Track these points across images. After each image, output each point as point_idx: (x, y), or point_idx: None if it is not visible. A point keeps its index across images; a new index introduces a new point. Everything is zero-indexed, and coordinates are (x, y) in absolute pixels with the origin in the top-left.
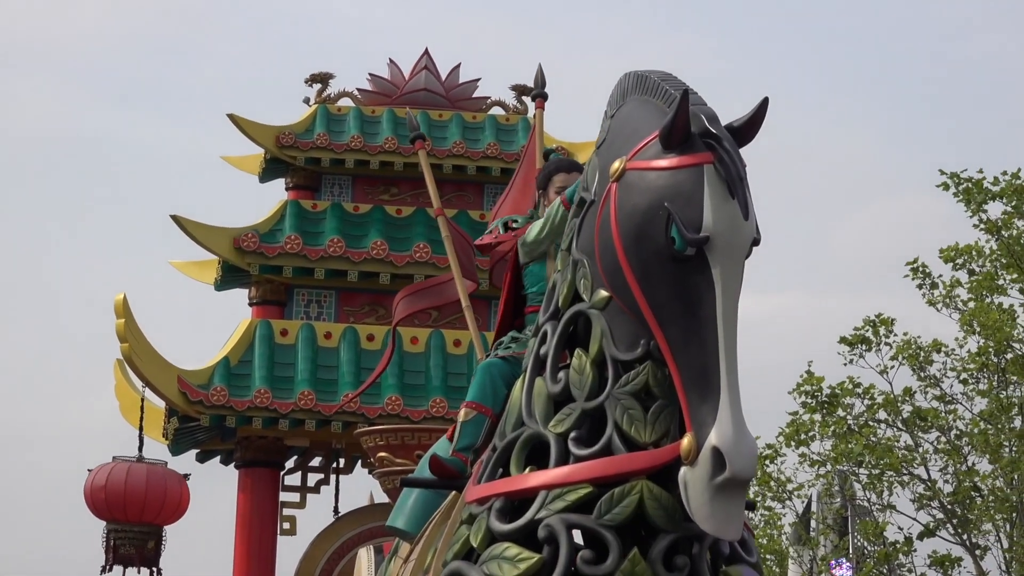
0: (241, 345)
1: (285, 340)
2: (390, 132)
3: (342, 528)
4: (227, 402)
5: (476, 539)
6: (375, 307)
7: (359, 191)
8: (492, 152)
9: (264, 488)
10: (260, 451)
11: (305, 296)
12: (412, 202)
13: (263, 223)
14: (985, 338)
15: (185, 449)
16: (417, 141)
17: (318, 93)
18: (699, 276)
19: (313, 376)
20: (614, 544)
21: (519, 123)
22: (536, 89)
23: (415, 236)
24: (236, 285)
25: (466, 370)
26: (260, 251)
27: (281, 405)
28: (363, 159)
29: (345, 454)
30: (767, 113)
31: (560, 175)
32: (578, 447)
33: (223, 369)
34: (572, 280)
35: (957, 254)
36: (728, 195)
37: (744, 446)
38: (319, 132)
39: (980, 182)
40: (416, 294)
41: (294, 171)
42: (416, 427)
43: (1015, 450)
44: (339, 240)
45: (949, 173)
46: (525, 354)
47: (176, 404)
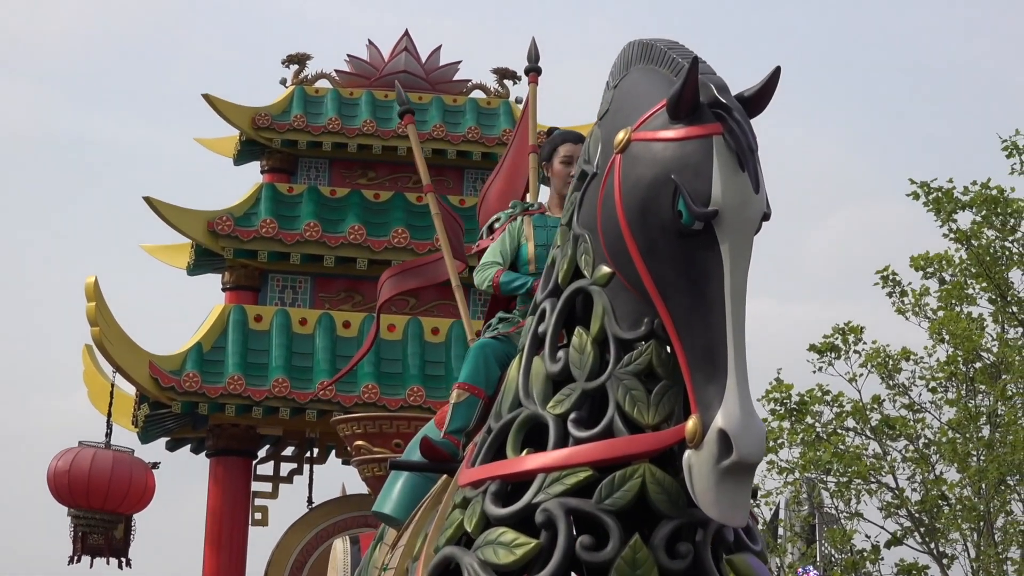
0: (214, 331)
1: (259, 326)
2: (368, 115)
3: (315, 519)
4: (199, 388)
5: (470, 524)
6: (351, 293)
7: (336, 175)
8: (473, 136)
9: (236, 478)
10: (232, 439)
11: (280, 281)
12: (390, 186)
13: (238, 206)
14: (954, 347)
15: (155, 437)
16: (406, 115)
17: (295, 74)
18: (707, 252)
19: (288, 363)
20: (615, 530)
21: (501, 107)
22: (529, 64)
23: (393, 221)
24: (209, 270)
25: (444, 358)
26: (235, 235)
27: (255, 392)
28: (341, 142)
29: (319, 443)
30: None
31: (566, 145)
32: (578, 429)
33: (196, 355)
34: (572, 256)
35: (927, 263)
36: (738, 167)
37: (752, 428)
38: (296, 114)
39: (950, 191)
40: (402, 274)
41: (270, 154)
42: (394, 415)
43: (983, 459)
44: (315, 224)
45: (919, 182)
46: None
47: (147, 390)
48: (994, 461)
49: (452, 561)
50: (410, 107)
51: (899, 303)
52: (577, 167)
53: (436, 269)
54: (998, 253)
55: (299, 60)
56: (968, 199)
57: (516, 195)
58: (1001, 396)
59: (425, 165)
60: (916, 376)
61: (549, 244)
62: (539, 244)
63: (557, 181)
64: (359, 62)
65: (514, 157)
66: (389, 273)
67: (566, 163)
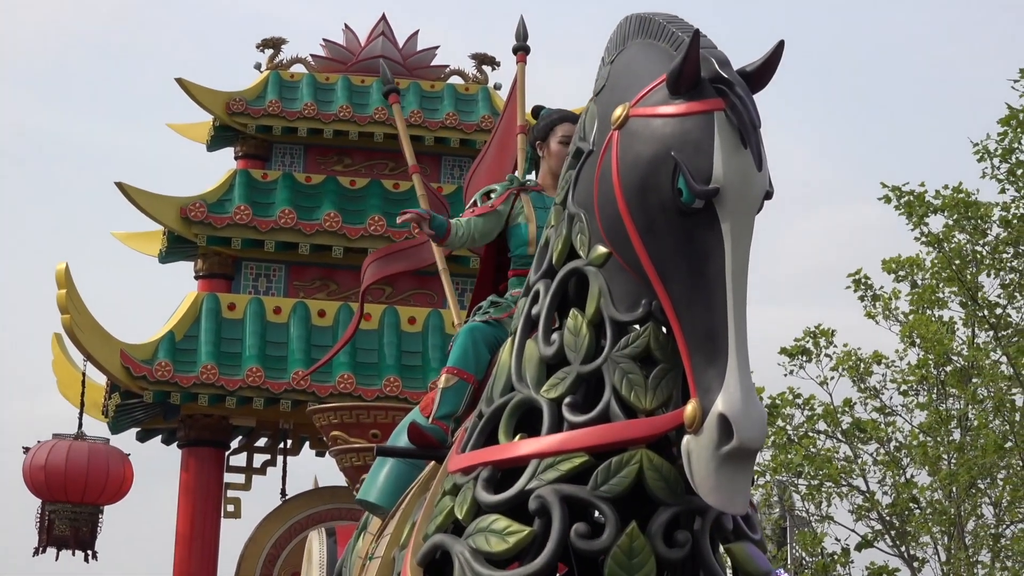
0: (187, 319)
1: (233, 315)
2: (345, 100)
3: (289, 511)
4: (172, 378)
5: (461, 511)
6: (327, 282)
7: (311, 161)
8: (451, 122)
9: (208, 469)
10: (204, 430)
11: (254, 269)
12: (366, 173)
13: (211, 192)
14: (925, 350)
15: (126, 427)
16: (391, 94)
17: (270, 59)
18: (707, 231)
19: (262, 352)
20: (611, 517)
21: (479, 93)
22: (518, 42)
23: (369, 208)
24: (181, 257)
25: (421, 348)
26: (208, 221)
27: (228, 382)
28: (316, 128)
29: (293, 435)
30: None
31: (564, 125)
32: (573, 413)
33: (168, 344)
34: (568, 235)
35: (899, 266)
36: (740, 144)
37: (753, 413)
38: (271, 99)
39: (922, 195)
40: (387, 257)
41: (244, 139)
42: (371, 405)
43: (954, 463)
44: (290, 211)
45: (891, 186)
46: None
47: (118, 379)
48: (965, 464)
49: (442, 549)
50: (395, 86)
51: (871, 307)
52: (572, 144)
53: (422, 252)
54: (969, 257)
55: (274, 44)
56: (940, 203)
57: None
58: (972, 400)
59: (411, 145)
60: (887, 379)
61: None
62: (540, 225)
63: (554, 161)
64: (335, 47)
65: (502, 138)
66: (373, 257)
67: (564, 143)
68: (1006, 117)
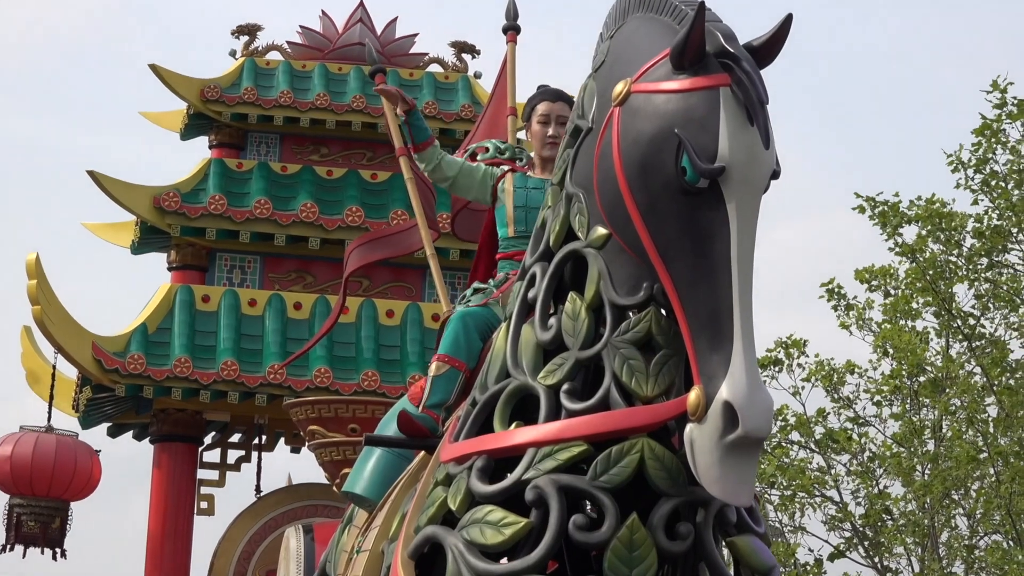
0: (160, 311)
1: (207, 307)
2: (322, 88)
3: (264, 508)
4: (144, 371)
5: (455, 502)
6: (303, 274)
7: (287, 150)
8: (430, 111)
9: (181, 464)
10: (177, 425)
11: (228, 261)
12: (343, 163)
13: (185, 182)
14: (898, 361)
15: (97, 422)
16: (378, 75)
17: (245, 46)
18: (712, 211)
19: (236, 345)
20: (611, 508)
21: (459, 81)
22: (508, 22)
23: (347, 199)
24: (154, 248)
25: (399, 342)
26: (182, 211)
27: (202, 375)
28: (293, 116)
29: (267, 430)
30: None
31: (543, 104)
32: (571, 401)
33: (140, 336)
34: (565, 216)
35: (872, 276)
36: (747, 121)
37: (759, 401)
38: (246, 86)
39: (896, 206)
40: (371, 243)
41: (218, 128)
42: (349, 399)
43: (927, 473)
44: (266, 201)
45: (865, 196)
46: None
47: (90, 372)
48: (938, 475)
49: (434, 541)
50: (382, 66)
51: (844, 317)
52: (570, 122)
53: (408, 238)
54: (942, 267)
55: (249, 31)
56: (914, 213)
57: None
58: (945, 410)
59: (398, 128)
60: (860, 389)
61: (528, 206)
62: (517, 206)
63: (535, 142)
64: (312, 34)
65: (491, 120)
66: (357, 243)
67: (543, 123)
68: (980, 127)
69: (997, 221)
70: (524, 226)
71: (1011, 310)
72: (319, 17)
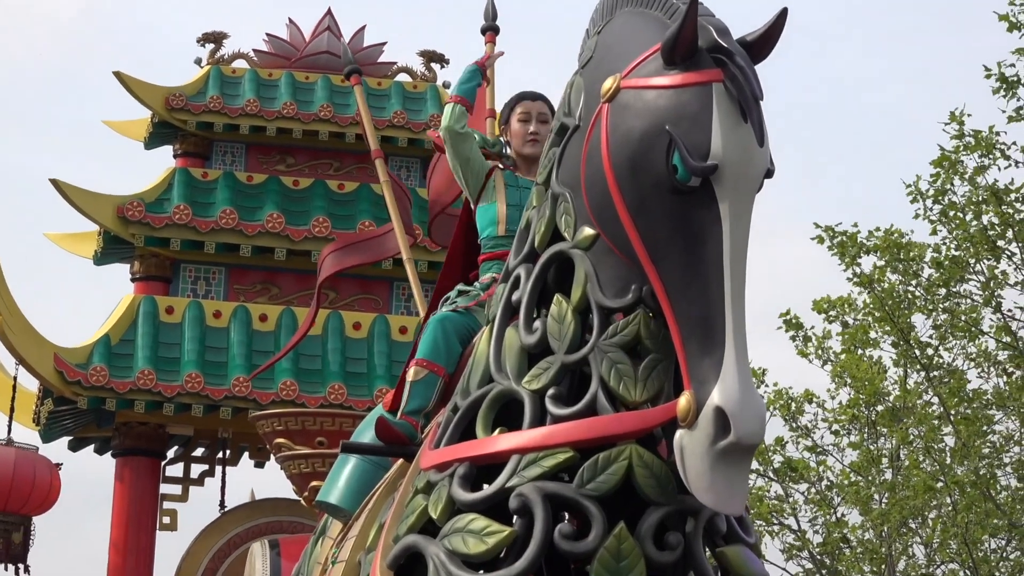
0: (123, 323)
1: (171, 318)
2: (289, 97)
3: (228, 524)
4: (107, 383)
5: (436, 510)
6: (268, 285)
7: (253, 160)
8: (398, 121)
9: (143, 479)
10: (140, 438)
11: (192, 272)
12: (310, 173)
13: (149, 191)
14: (856, 390)
15: (58, 436)
16: (353, 75)
17: (211, 54)
18: (704, 210)
19: (201, 358)
20: (598, 517)
21: (427, 91)
22: (487, 22)
23: (314, 209)
24: (117, 259)
25: (366, 355)
26: (146, 221)
27: (166, 388)
28: (259, 125)
29: (232, 444)
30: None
31: (523, 102)
32: (557, 406)
33: (103, 348)
34: (551, 217)
35: (830, 306)
36: (740, 118)
37: (752, 406)
38: (212, 95)
39: (854, 236)
40: (346, 249)
41: (183, 137)
42: (317, 411)
43: (885, 502)
44: (231, 212)
45: (824, 226)
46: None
47: (52, 384)
48: (896, 504)
49: (414, 551)
50: (356, 67)
51: (802, 346)
52: (555, 120)
53: (384, 243)
54: (901, 297)
55: (215, 39)
56: (872, 244)
57: None
58: (903, 440)
59: (374, 129)
60: (819, 419)
61: (520, 205)
62: (510, 204)
63: (515, 140)
64: (279, 42)
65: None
66: (331, 248)
67: (523, 120)
68: (938, 159)
69: (955, 251)
70: (516, 225)
71: (969, 340)
72: (286, 25)
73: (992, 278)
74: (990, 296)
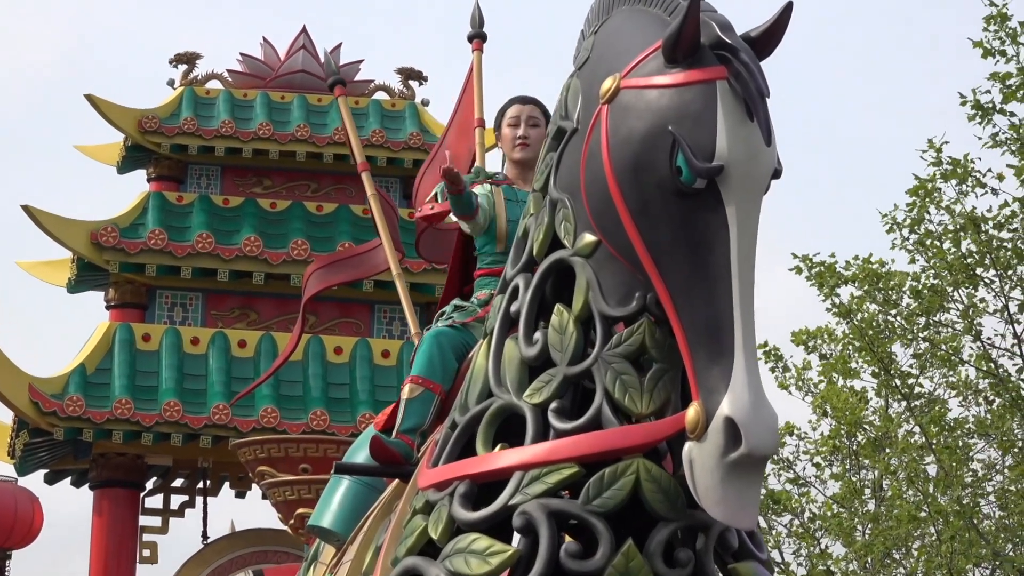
0: (99, 351)
1: (147, 346)
2: (264, 117)
3: (210, 556)
4: (84, 413)
5: (436, 530)
6: (246, 311)
7: (229, 182)
8: (377, 140)
9: (122, 511)
10: (118, 470)
11: (169, 298)
12: (287, 195)
13: (123, 216)
14: (837, 420)
15: (34, 468)
16: (336, 86)
17: (184, 75)
18: (710, 213)
19: (179, 386)
20: (605, 535)
21: (406, 109)
22: (473, 29)
23: (292, 232)
24: (91, 286)
25: (348, 380)
26: (120, 247)
27: (144, 417)
28: (234, 147)
29: (212, 474)
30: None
31: (513, 107)
32: (560, 420)
33: (79, 377)
34: (550, 223)
35: (809, 337)
36: (746, 116)
37: (764, 416)
38: (186, 116)
39: (832, 266)
40: (331, 266)
41: (157, 160)
42: (300, 438)
43: (868, 533)
44: (208, 236)
45: (801, 256)
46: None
47: (27, 415)
48: (879, 535)
49: (415, 573)
50: (341, 78)
51: (782, 378)
52: (552, 124)
53: (371, 259)
54: (881, 327)
55: (188, 60)
56: (850, 274)
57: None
58: (885, 470)
59: (359, 142)
60: (800, 451)
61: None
62: (511, 220)
63: (505, 146)
64: (253, 61)
65: (456, 133)
66: (316, 265)
67: (512, 125)
68: (915, 187)
69: (934, 280)
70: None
71: (949, 369)
72: (260, 44)
73: (971, 306)
74: (969, 324)
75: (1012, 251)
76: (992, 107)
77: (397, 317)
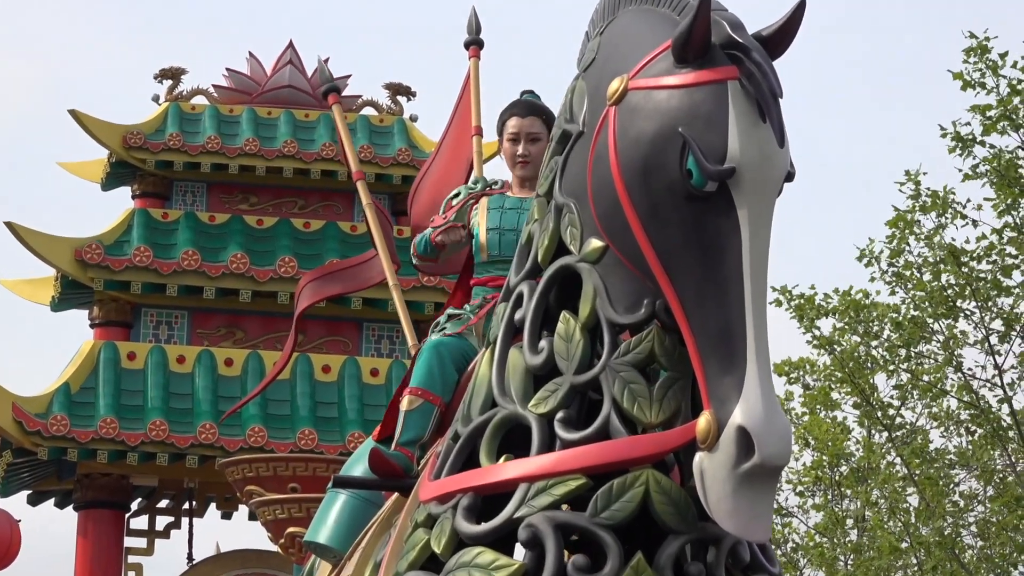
0: (83, 370)
1: (133, 364)
2: (251, 133)
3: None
4: (68, 432)
5: (439, 544)
6: (233, 329)
7: (214, 199)
8: (365, 156)
9: (107, 532)
10: (102, 490)
11: (154, 316)
12: (274, 212)
13: (108, 234)
14: (819, 451)
15: (17, 489)
16: (331, 94)
17: (169, 90)
18: (722, 217)
19: (165, 404)
20: (613, 548)
21: (394, 124)
22: (470, 36)
23: (279, 249)
24: (76, 304)
25: (336, 399)
26: (105, 264)
27: (129, 436)
28: (220, 163)
29: (198, 494)
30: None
31: (512, 120)
32: (567, 430)
33: (63, 396)
34: (555, 229)
35: (791, 368)
36: (758, 117)
37: (777, 426)
38: (171, 132)
39: (812, 298)
40: (325, 278)
41: (142, 177)
42: (289, 457)
43: (850, 564)
44: (194, 253)
45: (780, 288)
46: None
47: (10, 435)
48: (861, 566)
49: None
50: (335, 85)
51: None
52: (556, 127)
53: (366, 271)
54: (862, 358)
55: (173, 75)
56: (831, 306)
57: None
58: (867, 501)
59: (354, 151)
60: (782, 481)
61: (501, 228)
62: (490, 228)
63: (507, 161)
64: (239, 76)
65: (453, 141)
66: (308, 278)
67: (512, 140)
68: (893, 219)
69: (914, 311)
70: (498, 250)
71: (931, 400)
72: (246, 59)
73: (952, 337)
74: (950, 356)
75: (992, 283)
76: (972, 139)
77: (386, 335)
